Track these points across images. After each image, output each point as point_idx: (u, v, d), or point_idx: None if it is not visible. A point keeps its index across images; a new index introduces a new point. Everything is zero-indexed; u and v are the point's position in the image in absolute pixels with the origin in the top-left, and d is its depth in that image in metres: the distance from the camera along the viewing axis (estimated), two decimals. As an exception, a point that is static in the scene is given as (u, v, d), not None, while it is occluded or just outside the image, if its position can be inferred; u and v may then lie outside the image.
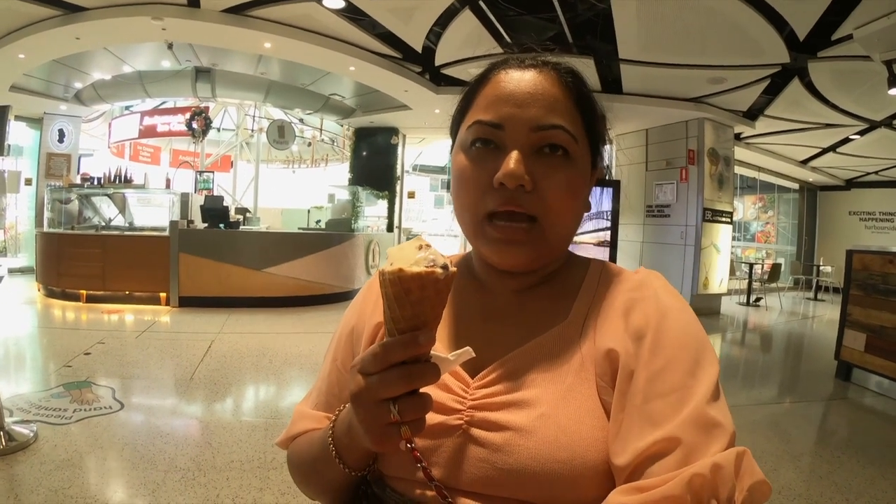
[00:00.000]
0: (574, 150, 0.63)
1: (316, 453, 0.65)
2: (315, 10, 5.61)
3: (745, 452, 0.49)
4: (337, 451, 0.60)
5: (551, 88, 0.63)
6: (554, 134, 0.61)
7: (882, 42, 4.73)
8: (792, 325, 8.22)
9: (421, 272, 0.48)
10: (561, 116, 0.62)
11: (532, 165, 0.61)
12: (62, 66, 7.54)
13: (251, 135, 10.46)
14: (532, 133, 0.62)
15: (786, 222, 14.45)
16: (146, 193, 8.20)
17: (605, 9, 5.19)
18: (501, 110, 0.63)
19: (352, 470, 0.61)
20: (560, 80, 0.65)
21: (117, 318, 5.76)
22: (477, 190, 0.63)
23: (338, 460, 0.60)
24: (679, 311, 0.60)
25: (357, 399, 0.51)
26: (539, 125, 0.61)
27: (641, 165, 9.38)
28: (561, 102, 0.63)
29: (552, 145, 0.62)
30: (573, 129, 0.63)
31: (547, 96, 0.63)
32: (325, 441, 0.62)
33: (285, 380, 3.96)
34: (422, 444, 0.60)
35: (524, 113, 0.62)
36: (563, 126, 0.62)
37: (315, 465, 0.66)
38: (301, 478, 0.72)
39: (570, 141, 0.62)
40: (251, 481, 2.34)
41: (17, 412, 2.87)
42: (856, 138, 9.13)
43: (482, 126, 0.63)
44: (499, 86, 0.65)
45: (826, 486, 2.58)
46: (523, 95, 0.63)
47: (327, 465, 0.62)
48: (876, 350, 4.23)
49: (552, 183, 0.61)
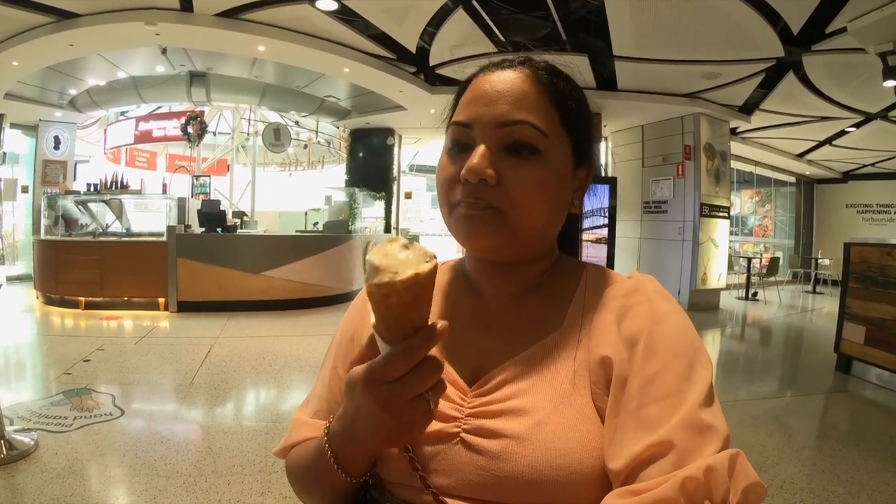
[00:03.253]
0: (544, 146, 0.62)
1: (314, 461, 0.64)
2: (308, 12, 5.60)
3: (739, 454, 0.49)
4: (336, 460, 0.59)
5: (522, 85, 0.64)
6: (519, 130, 0.62)
7: (876, 34, 4.73)
8: (791, 319, 8.23)
9: (430, 270, 0.47)
10: (528, 112, 0.62)
11: (499, 161, 0.62)
12: (56, 73, 7.54)
13: (247, 138, 10.44)
14: (498, 129, 0.62)
15: (783, 216, 14.46)
16: (143, 199, 8.18)
17: (599, 6, 5.19)
18: (471, 110, 0.64)
19: (353, 477, 0.60)
20: (534, 76, 0.65)
21: (116, 324, 5.75)
22: (449, 185, 0.65)
23: (338, 468, 0.59)
24: (672, 315, 0.60)
25: (390, 406, 0.50)
26: (504, 121, 0.62)
27: (638, 162, 9.39)
28: (531, 98, 0.63)
29: (518, 142, 0.62)
30: (543, 124, 0.62)
31: (515, 93, 0.63)
32: (321, 450, 0.61)
33: (285, 383, 3.95)
34: (420, 450, 0.60)
35: (491, 110, 0.63)
36: (529, 121, 0.62)
37: (314, 474, 0.65)
38: (301, 487, 0.71)
39: (539, 137, 0.62)
40: (252, 485, 2.33)
41: (17, 421, 2.87)
42: (851, 131, 9.14)
43: (456, 127, 0.65)
44: (474, 88, 0.66)
45: (828, 479, 2.59)
46: (492, 94, 0.64)
47: (327, 474, 0.61)
48: (875, 342, 4.24)
49: (518, 178, 0.61)
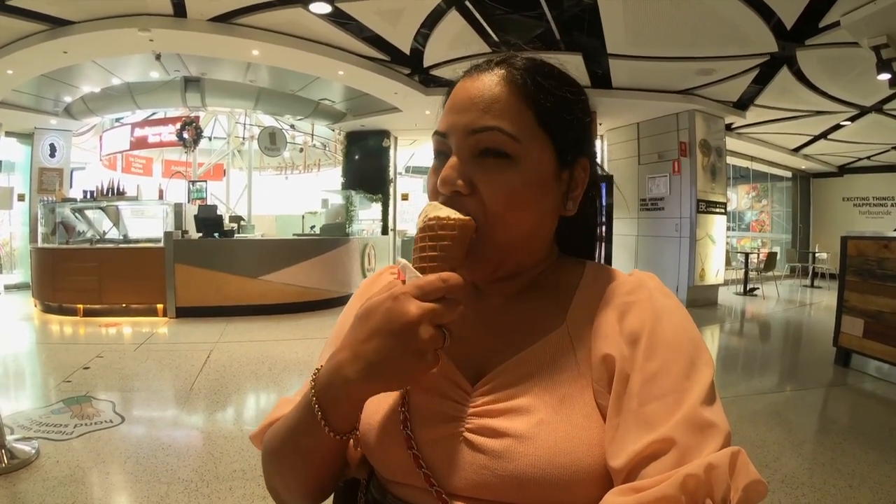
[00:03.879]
0: (516, 150, 0.61)
1: (294, 424, 0.61)
2: (302, 15, 5.60)
3: (740, 452, 0.49)
4: (322, 410, 0.57)
5: (493, 89, 0.62)
6: (488, 136, 0.61)
7: (870, 28, 4.75)
8: (789, 313, 8.25)
9: (468, 220, 0.59)
10: (498, 117, 0.61)
11: (471, 170, 0.62)
12: (51, 81, 7.53)
13: (242, 143, 10.44)
14: (468, 137, 0.62)
15: (780, 210, 14.50)
16: (139, 205, 8.16)
17: (592, 4, 5.20)
18: (447, 119, 0.65)
19: (337, 432, 0.58)
20: (508, 77, 0.63)
21: (115, 331, 5.74)
22: (433, 196, 0.66)
23: (323, 423, 0.57)
24: (674, 313, 0.60)
25: (420, 324, 0.52)
26: (472, 129, 0.61)
27: (633, 159, 9.41)
28: (501, 102, 0.62)
29: (490, 148, 0.61)
30: (514, 128, 0.61)
31: (485, 98, 0.62)
32: (306, 404, 0.58)
33: (285, 387, 3.95)
34: (423, 449, 0.60)
35: (461, 119, 0.62)
36: (497, 127, 0.60)
37: (293, 438, 0.62)
38: (275, 465, 0.66)
39: (508, 141, 0.60)
40: (254, 490, 2.33)
41: (17, 429, 2.86)
42: (847, 124, 9.17)
43: (435, 137, 0.66)
44: (452, 96, 0.66)
45: (829, 472, 2.59)
46: (463, 101, 0.63)
47: (308, 434, 0.59)
48: (874, 335, 4.25)
49: (490, 186, 0.61)
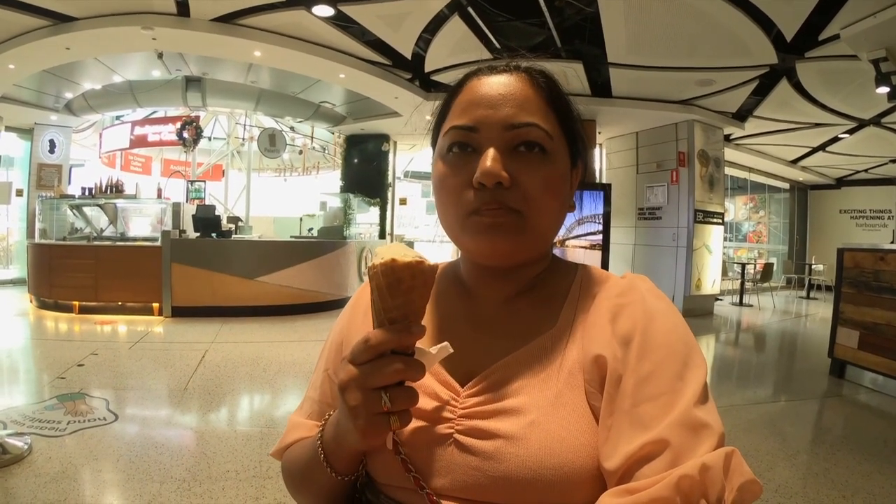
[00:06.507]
0: (550, 146, 0.63)
1: (307, 459, 0.65)
2: (305, 18, 5.62)
3: (734, 452, 0.49)
4: (325, 455, 0.61)
5: (523, 88, 0.64)
6: (528, 131, 0.62)
7: (869, 41, 4.79)
8: (785, 324, 8.26)
9: (411, 261, 0.52)
10: (534, 114, 0.63)
11: (509, 163, 0.61)
12: (52, 77, 7.53)
13: (242, 143, 10.45)
14: (506, 132, 0.62)
15: (777, 222, 14.55)
16: (138, 203, 8.15)
17: (593, 13, 5.23)
18: (475, 113, 0.64)
19: (339, 474, 0.61)
20: (531, 80, 0.66)
21: (110, 328, 5.72)
22: (457, 193, 0.63)
23: (326, 464, 0.61)
24: (666, 314, 0.60)
25: (347, 388, 0.53)
26: (512, 123, 0.62)
27: (632, 168, 9.43)
28: (533, 101, 0.64)
29: (528, 143, 0.62)
30: (547, 126, 0.63)
31: (518, 96, 0.64)
32: (314, 446, 0.63)
33: (280, 388, 3.94)
34: (413, 452, 0.60)
35: (497, 113, 0.63)
36: (536, 123, 0.62)
37: (306, 471, 0.66)
38: (294, 487, 0.72)
39: (545, 137, 0.63)
40: (247, 490, 2.32)
41: (10, 425, 2.84)
42: (845, 137, 9.22)
43: (457, 131, 0.64)
44: (472, 91, 0.66)
45: (822, 483, 2.59)
46: (495, 97, 0.64)
47: (317, 471, 0.62)
48: (869, 347, 4.26)
49: (531, 178, 0.62)
